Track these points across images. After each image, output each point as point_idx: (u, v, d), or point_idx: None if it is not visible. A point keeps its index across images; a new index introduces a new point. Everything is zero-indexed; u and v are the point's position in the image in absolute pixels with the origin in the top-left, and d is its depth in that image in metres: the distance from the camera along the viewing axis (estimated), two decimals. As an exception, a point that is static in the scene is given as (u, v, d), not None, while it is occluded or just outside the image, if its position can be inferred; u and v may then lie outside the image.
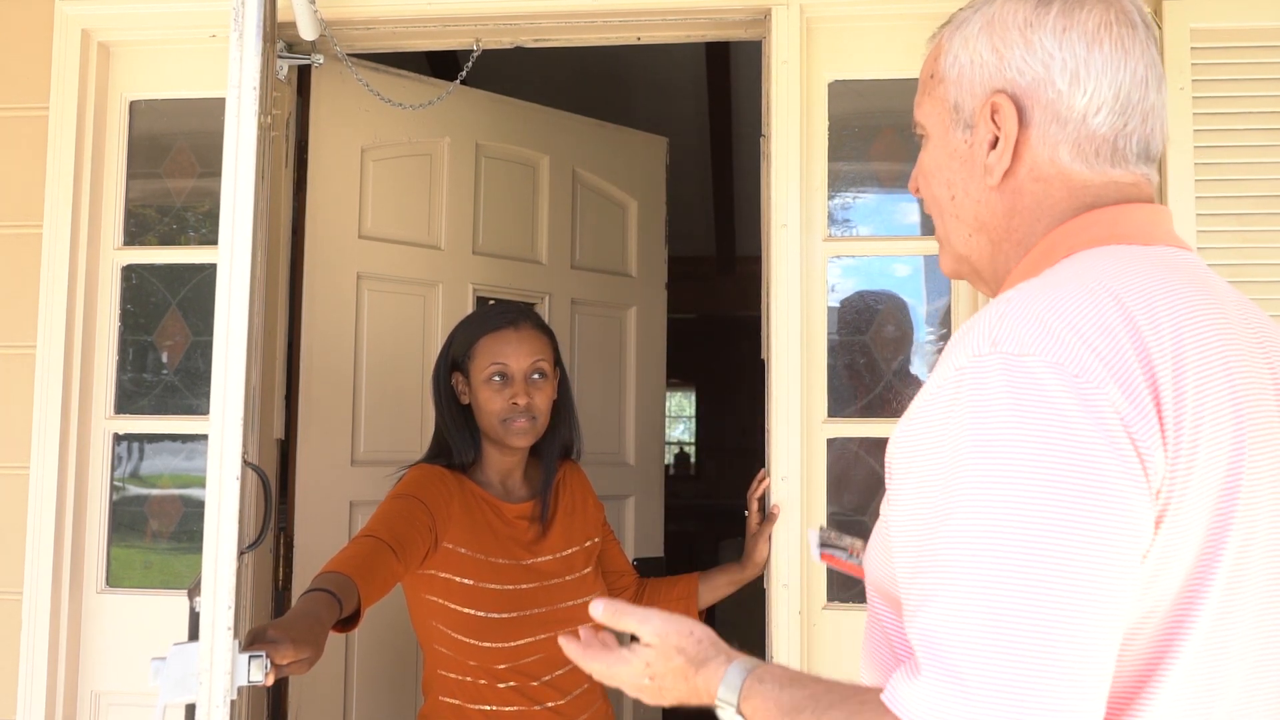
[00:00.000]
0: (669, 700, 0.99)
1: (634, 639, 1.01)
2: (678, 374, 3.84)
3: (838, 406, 2.06)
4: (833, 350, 2.06)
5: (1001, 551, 0.72)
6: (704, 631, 0.98)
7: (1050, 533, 0.72)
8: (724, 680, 0.91)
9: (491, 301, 2.65)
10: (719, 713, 0.91)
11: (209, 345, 2.13)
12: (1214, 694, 0.79)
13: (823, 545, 1.35)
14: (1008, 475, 0.73)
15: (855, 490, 2.05)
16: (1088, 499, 0.72)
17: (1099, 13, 0.91)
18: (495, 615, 1.80)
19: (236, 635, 1.36)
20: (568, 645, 1.06)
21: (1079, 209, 0.91)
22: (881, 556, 0.90)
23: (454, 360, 1.96)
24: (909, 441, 0.82)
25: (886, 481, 0.86)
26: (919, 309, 2.13)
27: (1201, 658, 0.78)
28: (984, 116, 0.94)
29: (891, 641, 0.90)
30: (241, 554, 1.43)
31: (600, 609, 1.03)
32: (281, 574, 2.27)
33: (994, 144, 0.93)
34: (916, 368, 2.11)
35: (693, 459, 9.11)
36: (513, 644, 1.81)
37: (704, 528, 6.50)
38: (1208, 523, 0.77)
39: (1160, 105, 0.93)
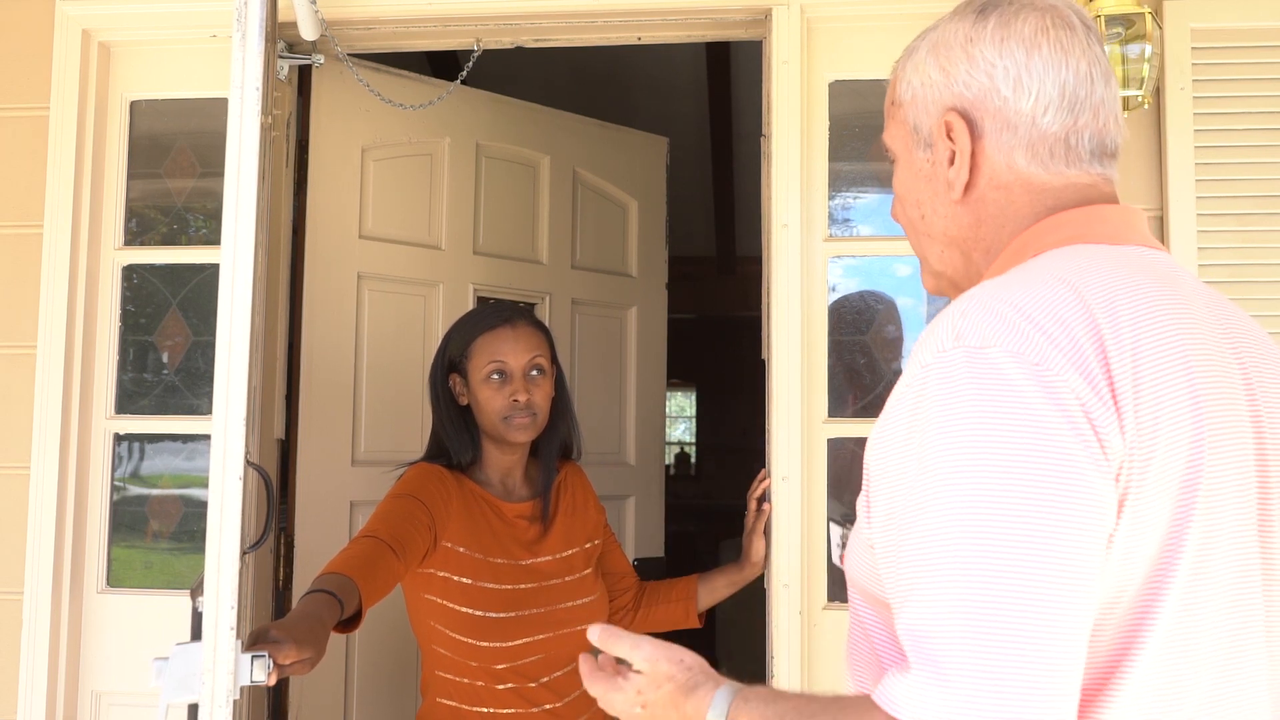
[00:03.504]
0: None
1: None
2: (678, 374, 3.85)
3: (838, 406, 2.06)
4: (833, 350, 2.07)
5: (973, 540, 0.74)
6: (694, 659, 0.98)
7: (1020, 518, 0.73)
8: (712, 705, 0.91)
9: (491, 301, 2.65)
10: None
11: (209, 345, 2.14)
12: (1182, 688, 0.80)
13: (844, 547, 1.28)
14: (975, 464, 0.75)
15: (855, 490, 2.04)
16: (1055, 483, 0.74)
17: (1034, 19, 0.94)
18: (494, 615, 1.80)
19: (239, 635, 1.36)
20: (583, 663, 1.06)
21: (1043, 212, 0.94)
22: (859, 555, 0.91)
23: (451, 362, 1.95)
24: (882, 441, 0.84)
25: (864, 481, 0.88)
26: (919, 309, 2.13)
27: (1166, 651, 0.79)
28: (940, 134, 0.97)
29: (872, 640, 0.91)
30: (244, 554, 1.43)
31: (596, 633, 1.03)
32: (282, 574, 2.27)
33: (953, 159, 0.96)
34: (917, 368, 2.11)
35: (693, 459, 9.11)
36: (512, 644, 1.81)
37: (704, 528, 6.50)
38: (1169, 517, 0.78)
39: (1111, 99, 0.95)
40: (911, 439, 0.79)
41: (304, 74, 2.37)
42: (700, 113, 5.08)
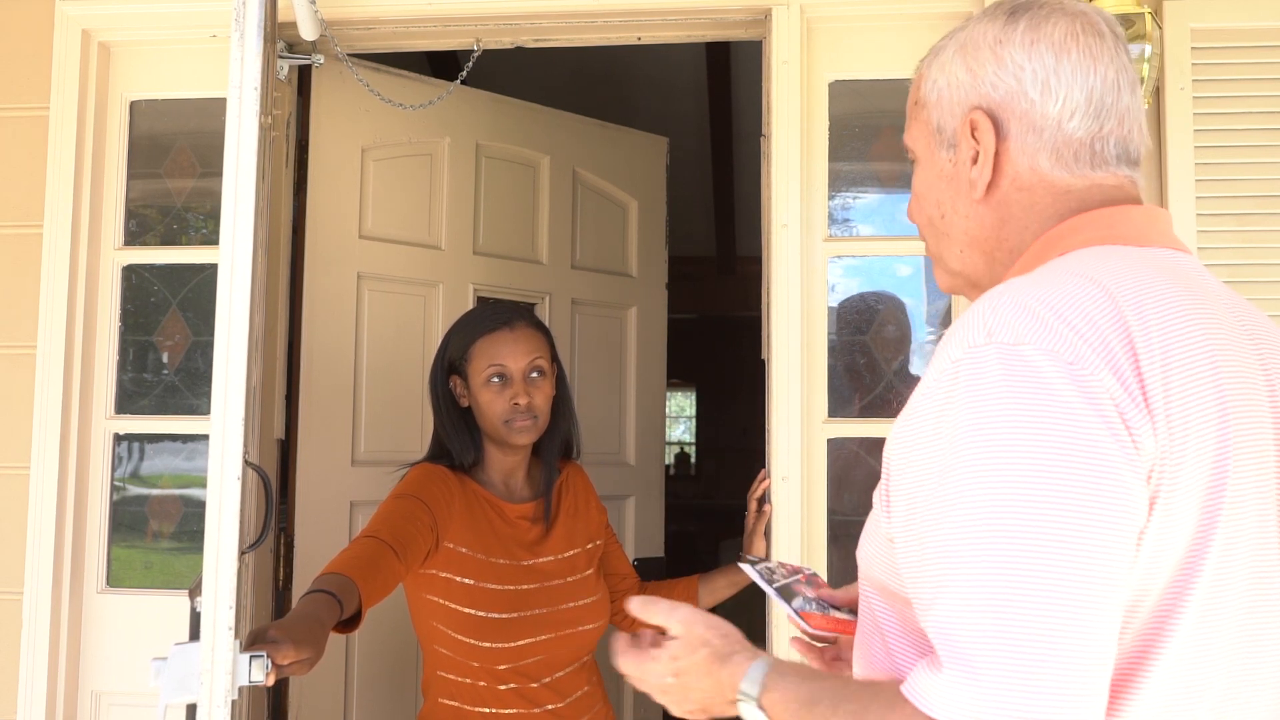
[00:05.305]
0: (694, 701, 0.97)
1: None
2: (678, 374, 3.84)
3: (838, 406, 2.06)
4: (833, 350, 2.07)
5: (1005, 537, 0.73)
6: (731, 628, 0.98)
7: (1054, 516, 0.73)
8: (747, 675, 0.91)
9: (490, 301, 2.65)
10: (740, 707, 0.92)
11: (209, 345, 2.14)
12: (1199, 690, 0.80)
13: (781, 594, 1.19)
14: (1009, 460, 0.75)
15: (855, 490, 2.05)
16: (1089, 481, 0.74)
17: (1064, 24, 0.94)
18: (496, 615, 1.80)
19: (238, 635, 1.36)
20: (617, 640, 1.05)
21: (1067, 212, 0.93)
22: (875, 548, 0.91)
23: (451, 364, 1.95)
24: (907, 435, 0.83)
25: (883, 477, 0.88)
26: (919, 309, 2.13)
27: (1187, 654, 0.79)
28: (964, 134, 0.97)
29: (884, 632, 0.91)
30: (243, 554, 1.43)
31: (636, 604, 1.03)
32: (282, 574, 2.27)
33: (976, 159, 0.96)
34: (917, 368, 2.11)
35: (693, 459, 9.11)
36: (514, 644, 1.81)
37: (704, 528, 6.50)
38: (1195, 520, 0.78)
39: (1136, 108, 0.95)
40: (940, 433, 0.79)
41: (304, 74, 2.37)
42: (700, 113, 5.08)
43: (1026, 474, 0.74)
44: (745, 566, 1.20)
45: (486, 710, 1.82)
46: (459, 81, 2.39)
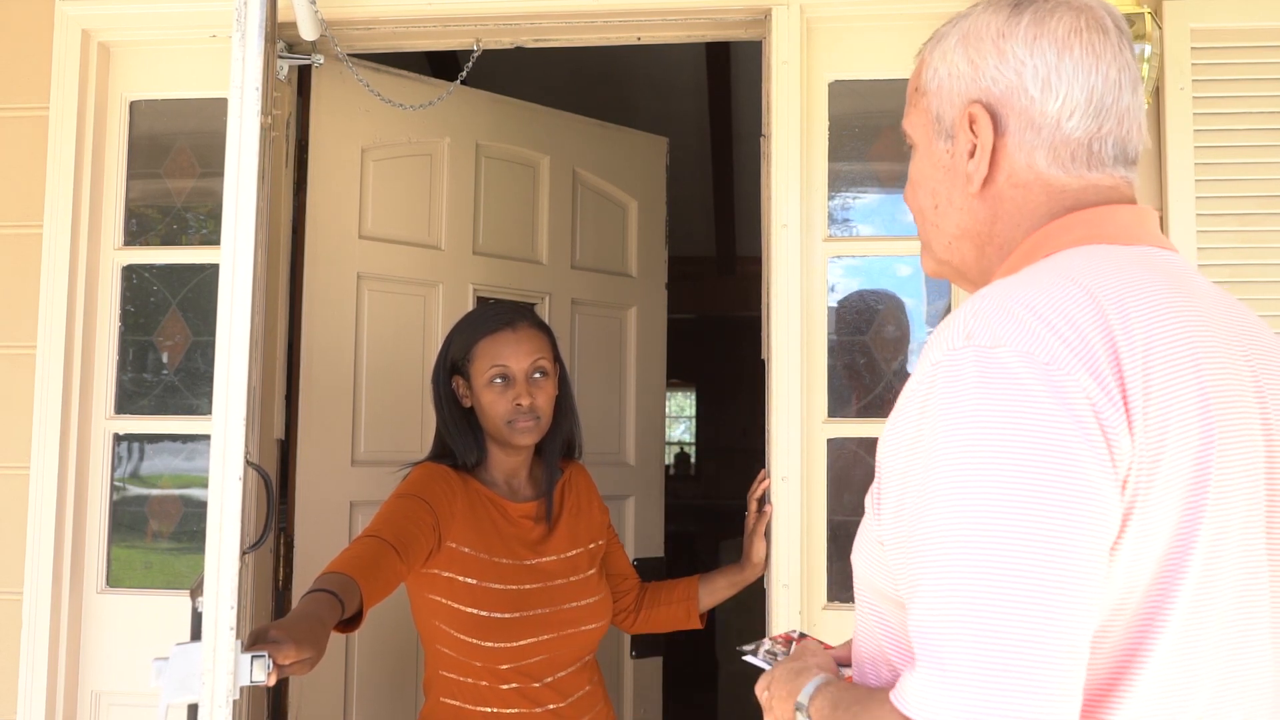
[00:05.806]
0: (776, 714, 1.04)
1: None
2: (678, 374, 3.85)
3: (838, 406, 2.06)
4: (833, 350, 2.07)
5: (976, 539, 0.74)
6: (827, 660, 1.06)
7: (1023, 518, 0.73)
8: (804, 688, 0.99)
9: (492, 301, 2.65)
10: (796, 717, 0.99)
11: (209, 345, 2.14)
12: (1189, 690, 0.80)
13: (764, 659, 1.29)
14: (981, 463, 0.75)
15: (855, 490, 2.05)
16: (1059, 483, 0.74)
17: (1069, 19, 0.93)
18: (498, 615, 1.80)
19: (239, 635, 1.36)
20: None
21: (1060, 211, 0.93)
22: (867, 551, 0.92)
23: (453, 364, 1.95)
24: (893, 438, 0.84)
25: (875, 480, 0.88)
26: (919, 309, 2.13)
27: (1175, 653, 0.79)
28: (962, 126, 0.96)
29: (877, 636, 0.93)
30: (244, 554, 1.43)
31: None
32: (282, 574, 2.27)
33: (973, 152, 0.96)
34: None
35: (693, 459, 9.11)
36: (516, 644, 1.81)
37: (704, 528, 6.50)
38: (1176, 518, 0.78)
39: (1136, 107, 0.95)
40: (920, 437, 0.80)
41: (304, 74, 2.37)
42: (700, 113, 5.08)
43: (997, 475, 0.74)
44: (749, 659, 1.28)
45: (488, 709, 1.82)
46: (459, 81, 2.39)
